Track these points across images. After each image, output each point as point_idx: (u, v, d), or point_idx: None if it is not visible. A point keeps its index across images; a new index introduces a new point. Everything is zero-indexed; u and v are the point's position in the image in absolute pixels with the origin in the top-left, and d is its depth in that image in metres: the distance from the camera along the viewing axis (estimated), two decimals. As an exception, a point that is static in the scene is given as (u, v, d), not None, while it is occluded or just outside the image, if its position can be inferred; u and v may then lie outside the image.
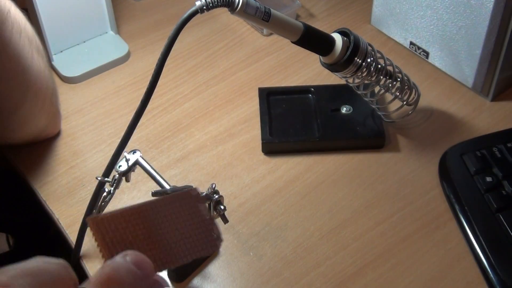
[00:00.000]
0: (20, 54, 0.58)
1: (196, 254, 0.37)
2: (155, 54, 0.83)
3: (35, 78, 0.61)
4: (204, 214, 0.38)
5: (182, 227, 0.37)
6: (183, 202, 0.38)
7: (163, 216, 0.37)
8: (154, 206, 0.37)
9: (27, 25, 0.62)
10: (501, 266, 0.56)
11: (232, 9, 0.56)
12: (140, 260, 0.34)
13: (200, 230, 0.38)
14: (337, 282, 0.58)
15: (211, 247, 0.37)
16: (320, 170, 0.68)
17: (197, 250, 0.37)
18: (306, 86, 0.76)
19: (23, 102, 0.62)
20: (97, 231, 0.35)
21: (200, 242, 0.37)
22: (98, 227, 0.35)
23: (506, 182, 0.61)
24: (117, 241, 0.35)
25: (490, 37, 0.68)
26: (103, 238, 0.35)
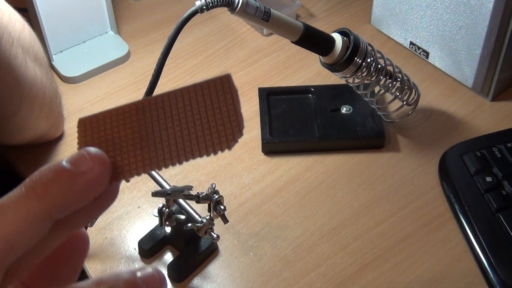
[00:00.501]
0: (11, 65, 0.58)
1: (208, 150, 0.31)
2: (155, 54, 0.83)
3: (29, 87, 0.61)
4: (232, 101, 0.33)
5: (193, 119, 0.33)
6: (205, 91, 0.34)
7: (170, 109, 0.33)
8: (161, 100, 0.34)
9: (23, 33, 0.61)
10: (501, 266, 0.56)
11: (232, 9, 0.56)
12: (81, 157, 0.30)
13: (218, 122, 0.32)
14: (337, 282, 0.58)
15: (229, 141, 0.31)
16: (320, 170, 0.68)
17: (209, 145, 0.32)
18: (306, 86, 0.76)
19: (18, 111, 0.62)
20: (80, 130, 0.33)
21: (215, 135, 0.32)
22: (84, 125, 0.33)
23: (506, 182, 0.61)
24: (97, 139, 0.33)
25: (490, 37, 0.68)
26: (84, 135, 0.33)
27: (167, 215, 0.57)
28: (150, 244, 0.60)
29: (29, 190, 0.29)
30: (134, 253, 0.61)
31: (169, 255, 0.61)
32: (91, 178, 0.29)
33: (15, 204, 0.28)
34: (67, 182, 0.29)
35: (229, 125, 0.32)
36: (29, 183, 0.29)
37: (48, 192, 0.28)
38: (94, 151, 0.30)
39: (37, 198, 0.28)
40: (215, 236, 0.57)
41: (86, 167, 0.29)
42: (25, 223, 0.28)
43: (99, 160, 0.30)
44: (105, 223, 0.63)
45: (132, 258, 0.61)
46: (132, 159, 0.32)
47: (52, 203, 0.28)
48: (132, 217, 0.64)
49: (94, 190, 0.30)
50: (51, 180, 0.29)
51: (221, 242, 0.61)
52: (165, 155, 0.32)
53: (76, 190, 0.29)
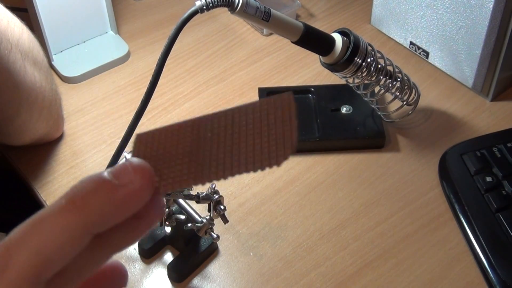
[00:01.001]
0: (10, 70, 0.58)
1: (255, 165, 0.30)
2: (155, 54, 0.83)
3: (28, 92, 0.61)
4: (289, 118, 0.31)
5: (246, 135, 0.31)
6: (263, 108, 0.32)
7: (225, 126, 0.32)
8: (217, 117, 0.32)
9: (21, 37, 0.61)
10: (501, 266, 0.56)
11: (232, 9, 0.56)
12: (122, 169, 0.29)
13: (271, 137, 0.31)
14: (337, 282, 0.58)
15: (278, 157, 0.30)
16: (320, 170, 0.68)
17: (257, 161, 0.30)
18: (306, 86, 0.76)
19: (17, 115, 0.62)
20: (136, 145, 0.32)
21: (265, 151, 0.31)
22: (140, 141, 0.32)
23: (506, 182, 0.61)
24: (149, 154, 0.32)
25: (490, 37, 0.68)
26: (137, 150, 0.32)
27: (167, 215, 0.57)
28: (150, 244, 0.60)
29: (69, 202, 0.28)
30: (134, 253, 0.61)
31: (169, 255, 0.61)
32: (131, 190, 0.28)
33: (53, 216, 0.28)
34: (107, 194, 0.27)
35: (282, 141, 0.31)
36: (69, 194, 0.28)
37: (87, 204, 0.27)
38: (137, 162, 0.29)
39: (76, 210, 0.27)
40: (215, 236, 0.57)
41: (127, 178, 0.28)
42: (62, 235, 0.27)
43: (141, 172, 0.29)
44: (105, 223, 0.63)
45: (132, 258, 0.61)
46: (179, 172, 0.31)
47: (91, 216, 0.27)
48: (132, 217, 0.64)
49: (135, 202, 0.28)
50: (90, 191, 0.28)
51: (221, 242, 0.61)
52: (211, 169, 0.31)
53: (116, 202, 0.27)
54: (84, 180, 0.28)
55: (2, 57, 0.56)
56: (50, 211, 0.28)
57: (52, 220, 0.27)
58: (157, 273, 0.60)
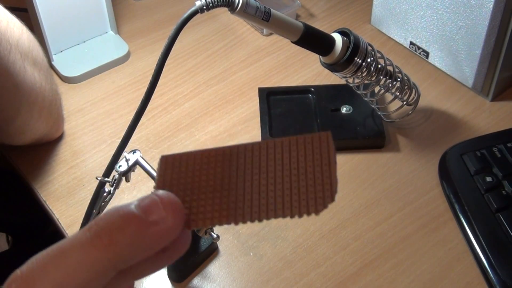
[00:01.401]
0: (10, 71, 0.58)
1: (293, 211, 0.29)
2: (155, 54, 0.83)
3: (28, 92, 0.61)
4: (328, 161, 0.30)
5: (282, 175, 0.30)
6: (299, 146, 0.31)
7: (259, 160, 0.31)
8: (251, 149, 0.31)
9: (21, 38, 0.61)
10: (501, 266, 0.56)
11: (232, 9, 0.56)
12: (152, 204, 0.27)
13: (309, 182, 0.29)
14: (337, 282, 0.58)
15: (318, 205, 0.29)
16: (320, 170, 0.68)
17: (295, 206, 0.29)
18: (306, 86, 0.76)
19: (18, 115, 0.62)
20: (161, 167, 0.31)
21: (303, 196, 0.29)
22: (165, 164, 0.31)
23: (506, 182, 0.61)
24: (176, 180, 0.30)
25: (490, 37, 0.68)
26: (163, 174, 0.31)
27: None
28: (150, 244, 0.60)
29: (95, 237, 0.26)
30: (134, 253, 0.61)
31: (169, 255, 0.61)
32: (162, 229, 0.27)
33: (78, 250, 0.26)
34: (136, 232, 0.26)
35: (321, 187, 0.29)
36: (95, 228, 0.27)
37: (115, 242, 0.26)
38: (168, 198, 0.28)
39: (103, 247, 0.26)
40: (215, 236, 0.57)
41: (158, 216, 0.27)
42: (88, 272, 0.26)
43: (173, 210, 0.28)
44: (105, 223, 0.63)
45: (132, 258, 0.61)
46: (209, 207, 0.30)
47: (119, 254, 0.26)
48: (132, 217, 0.64)
49: (165, 240, 0.27)
50: (119, 228, 0.26)
51: (221, 242, 0.61)
52: (245, 209, 0.29)
53: (146, 241, 0.26)
54: (110, 213, 0.27)
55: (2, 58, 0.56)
56: (74, 244, 0.27)
57: (77, 255, 0.26)
58: (157, 273, 0.60)
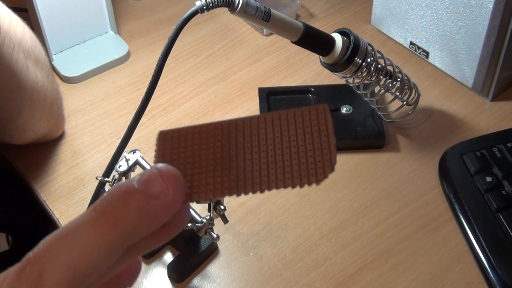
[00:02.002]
0: (13, 70, 0.58)
1: (294, 182, 0.29)
2: (155, 54, 0.83)
3: (31, 91, 0.61)
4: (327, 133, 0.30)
5: (281, 147, 0.30)
6: (297, 119, 0.31)
7: (258, 133, 0.31)
8: (249, 122, 0.31)
9: (24, 37, 0.61)
10: (501, 266, 0.56)
11: (232, 9, 0.56)
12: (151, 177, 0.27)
13: (309, 153, 0.30)
14: (337, 282, 0.58)
15: (318, 174, 0.29)
16: (320, 170, 0.68)
17: (296, 177, 0.29)
18: (306, 86, 0.76)
19: (20, 114, 0.62)
20: (159, 143, 0.31)
21: (303, 167, 0.29)
22: (164, 139, 0.31)
23: (506, 182, 0.61)
24: (175, 155, 0.30)
25: (490, 37, 0.68)
26: (162, 149, 0.31)
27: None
28: (150, 244, 0.60)
29: (100, 216, 0.27)
30: (134, 253, 0.61)
31: (169, 255, 0.61)
32: (164, 202, 0.27)
33: (85, 230, 0.27)
34: (139, 207, 0.27)
35: (321, 158, 0.29)
36: (99, 207, 0.27)
37: (120, 219, 0.27)
38: (167, 170, 0.28)
39: (109, 225, 0.27)
40: (215, 236, 0.57)
41: (158, 189, 0.27)
42: (97, 252, 0.26)
43: (173, 182, 0.28)
44: (105, 223, 0.63)
45: (132, 258, 0.61)
46: (211, 180, 0.30)
47: (125, 230, 0.27)
48: (132, 217, 0.64)
49: (168, 213, 0.28)
50: (122, 204, 0.27)
51: (221, 242, 0.61)
52: (246, 181, 0.29)
53: (149, 215, 0.27)
54: (113, 190, 0.27)
55: (5, 56, 0.56)
56: (81, 224, 0.27)
57: (85, 235, 0.27)
58: (157, 273, 0.60)
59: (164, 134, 0.31)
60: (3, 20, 0.57)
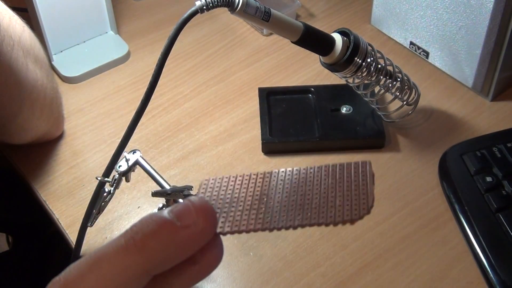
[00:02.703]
0: (12, 67, 0.58)
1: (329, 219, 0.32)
2: (155, 54, 0.83)
3: (30, 89, 0.61)
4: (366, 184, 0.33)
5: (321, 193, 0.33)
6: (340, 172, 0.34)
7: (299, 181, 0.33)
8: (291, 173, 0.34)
9: (23, 35, 0.61)
10: (501, 266, 0.56)
11: (232, 9, 0.56)
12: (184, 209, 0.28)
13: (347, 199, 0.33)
14: (337, 282, 0.58)
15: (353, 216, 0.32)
16: (320, 170, 0.68)
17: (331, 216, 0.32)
18: (306, 86, 0.76)
19: (19, 113, 0.62)
20: (200, 187, 0.33)
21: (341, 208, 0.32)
22: (206, 185, 0.33)
23: (506, 182, 0.61)
24: (215, 196, 0.32)
25: (490, 37, 0.68)
26: (204, 192, 0.32)
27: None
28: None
29: (129, 242, 0.27)
30: (134, 253, 0.61)
31: (169, 255, 0.61)
32: (193, 231, 0.27)
33: (113, 256, 0.27)
34: (168, 236, 0.27)
35: (358, 206, 0.32)
36: (129, 233, 0.27)
37: (148, 245, 0.27)
38: (199, 202, 0.28)
39: (137, 251, 0.27)
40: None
41: (189, 219, 0.27)
42: (122, 276, 0.26)
43: (204, 213, 0.28)
44: (105, 223, 0.63)
45: (132, 258, 0.61)
46: (245, 216, 0.31)
47: (152, 258, 0.27)
48: (132, 217, 0.64)
49: (197, 244, 0.28)
50: (152, 232, 0.27)
51: (221, 242, 0.61)
52: (280, 217, 0.32)
53: (177, 244, 0.27)
54: (144, 219, 0.28)
55: (4, 54, 0.56)
56: (109, 250, 0.27)
57: (112, 260, 0.27)
58: (157, 273, 0.60)
59: (207, 181, 0.33)
60: (2, 18, 0.57)
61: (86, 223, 0.58)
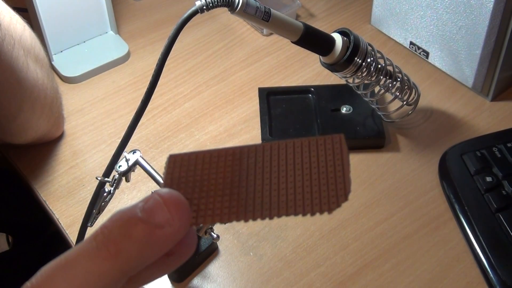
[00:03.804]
0: (13, 67, 0.58)
1: (305, 209, 0.29)
2: (155, 54, 0.83)
3: (31, 89, 0.61)
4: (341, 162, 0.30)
5: (294, 174, 0.30)
6: (312, 147, 0.30)
7: (270, 159, 0.30)
8: (262, 149, 0.31)
9: (24, 34, 0.61)
10: (501, 266, 0.56)
11: (232, 9, 0.56)
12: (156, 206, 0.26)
13: (322, 181, 0.29)
14: (337, 282, 0.58)
15: (331, 203, 0.29)
16: (320, 170, 0.68)
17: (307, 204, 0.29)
18: (306, 86, 0.76)
19: (20, 113, 0.62)
20: (168, 166, 0.30)
21: (316, 195, 0.29)
22: (173, 163, 0.31)
23: (506, 182, 0.61)
24: (184, 178, 0.30)
25: (490, 37, 0.68)
26: (171, 173, 0.30)
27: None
28: (150, 244, 0.60)
29: (102, 247, 0.26)
30: (134, 253, 0.61)
31: (169, 255, 0.61)
32: (169, 232, 0.26)
33: (85, 262, 0.26)
34: (142, 238, 0.26)
35: (334, 186, 0.29)
36: (100, 237, 0.26)
37: (122, 250, 0.26)
38: (171, 197, 0.27)
39: (110, 257, 0.26)
40: (215, 236, 0.57)
41: (163, 218, 0.26)
42: (97, 284, 0.25)
43: (178, 210, 0.27)
44: (105, 223, 0.63)
45: (132, 258, 0.61)
46: (218, 204, 0.29)
47: (127, 262, 0.26)
48: (132, 217, 0.64)
49: (172, 243, 0.27)
50: (124, 234, 0.26)
51: (221, 242, 0.61)
52: (255, 206, 0.29)
53: (153, 246, 0.26)
54: (115, 218, 0.26)
55: (5, 53, 0.56)
56: (81, 254, 0.26)
57: (85, 266, 0.26)
58: (157, 273, 0.60)
59: (174, 158, 0.31)
60: (3, 17, 0.57)
61: (86, 223, 0.58)
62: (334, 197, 0.29)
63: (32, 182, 0.68)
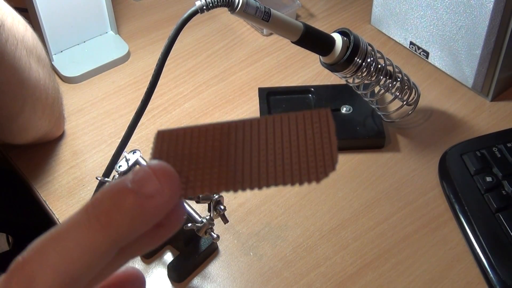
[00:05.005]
0: (16, 67, 0.58)
1: (294, 179, 0.29)
2: (155, 54, 0.83)
3: (33, 89, 0.61)
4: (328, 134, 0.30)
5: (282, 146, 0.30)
6: (299, 121, 0.31)
7: (258, 133, 0.30)
8: (250, 123, 0.31)
9: (26, 35, 0.61)
10: (501, 266, 0.56)
11: (232, 9, 0.56)
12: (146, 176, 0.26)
13: (310, 152, 0.30)
14: (337, 282, 0.58)
15: (319, 173, 0.29)
16: (320, 170, 0.68)
17: (296, 174, 0.29)
18: (306, 86, 0.76)
19: (21, 112, 0.62)
20: (157, 141, 0.30)
21: (304, 165, 0.29)
22: (161, 138, 0.31)
23: (506, 182, 0.61)
24: (172, 152, 0.30)
25: (490, 37, 0.68)
26: (159, 147, 0.30)
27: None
28: (150, 244, 0.60)
29: (92, 218, 0.26)
30: (134, 253, 0.61)
31: (169, 255, 0.61)
32: (160, 202, 0.26)
33: (76, 233, 0.26)
34: (133, 208, 0.26)
35: (322, 157, 0.29)
36: (91, 208, 0.26)
37: (113, 221, 0.26)
38: (160, 167, 0.27)
39: (101, 228, 0.26)
40: (215, 236, 0.57)
41: (153, 188, 0.26)
42: (89, 254, 0.26)
43: (168, 180, 0.27)
44: (105, 223, 0.63)
45: (132, 258, 0.61)
46: (207, 176, 0.29)
47: (118, 232, 0.26)
48: (132, 217, 0.64)
49: (163, 213, 0.27)
50: (115, 206, 0.26)
51: (221, 242, 0.61)
52: (244, 177, 0.29)
53: (143, 216, 0.26)
54: (105, 190, 0.26)
55: (8, 54, 0.56)
56: (72, 226, 0.26)
57: (76, 237, 0.26)
58: (157, 273, 0.60)
59: (162, 133, 0.31)
60: (6, 18, 0.57)
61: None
62: (321, 167, 0.29)
63: (32, 182, 0.68)
